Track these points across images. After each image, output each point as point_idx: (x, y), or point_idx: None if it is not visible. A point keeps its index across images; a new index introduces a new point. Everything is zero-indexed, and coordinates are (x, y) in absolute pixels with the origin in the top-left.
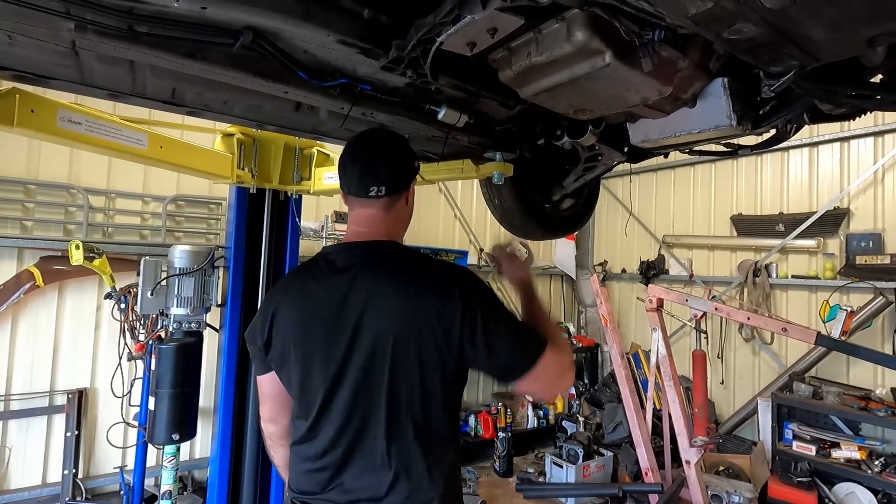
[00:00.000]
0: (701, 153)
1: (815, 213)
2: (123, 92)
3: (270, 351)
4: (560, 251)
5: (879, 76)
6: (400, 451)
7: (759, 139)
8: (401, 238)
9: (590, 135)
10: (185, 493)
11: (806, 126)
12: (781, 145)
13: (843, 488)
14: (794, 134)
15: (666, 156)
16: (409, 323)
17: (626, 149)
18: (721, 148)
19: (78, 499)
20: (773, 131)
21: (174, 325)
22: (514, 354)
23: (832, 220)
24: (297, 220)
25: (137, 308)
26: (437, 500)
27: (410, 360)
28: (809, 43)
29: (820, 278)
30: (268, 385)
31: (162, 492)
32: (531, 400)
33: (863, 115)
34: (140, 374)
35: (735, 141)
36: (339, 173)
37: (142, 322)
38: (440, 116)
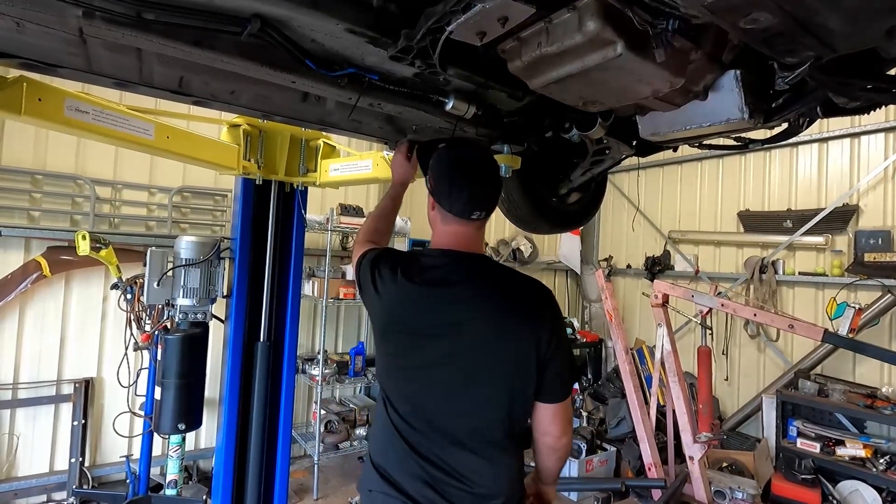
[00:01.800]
0: (710, 147)
1: (823, 209)
2: (130, 81)
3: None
4: (565, 246)
5: None
6: (468, 460)
7: (770, 133)
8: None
9: (599, 127)
10: (190, 482)
11: (816, 121)
12: (790, 141)
13: (847, 486)
14: (806, 128)
15: (675, 150)
16: (504, 334)
17: (634, 142)
18: (731, 142)
19: (85, 487)
20: (784, 125)
21: (180, 316)
22: (561, 382)
23: (841, 217)
24: (303, 211)
25: (143, 298)
26: (501, 499)
27: (501, 367)
28: (827, 33)
29: (827, 275)
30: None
31: (167, 481)
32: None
33: (877, 109)
34: (146, 364)
35: (745, 135)
36: (439, 189)
37: (148, 312)
38: (448, 108)
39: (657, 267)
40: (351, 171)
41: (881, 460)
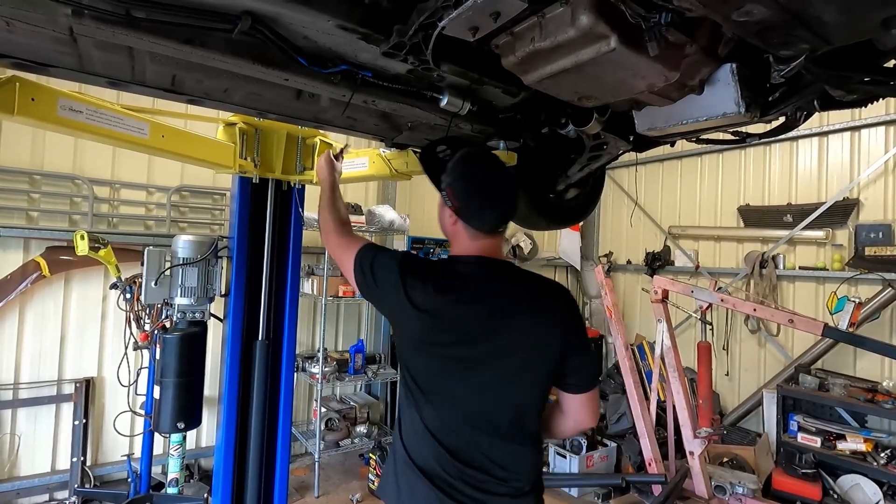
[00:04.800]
0: (708, 142)
1: (823, 203)
2: (123, 80)
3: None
4: (565, 242)
5: (893, 61)
6: (509, 450)
7: (768, 127)
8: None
9: (595, 123)
10: (191, 480)
11: (816, 115)
12: (790, 134)
13: (847, 480)
14: (803, 122)
15: (672, 145)
16: (536, 334)
17: (631, 137)
18: (729, 136)
19: (86, 486)
20: (782, 119)
21: (178, 315)
22: (592, 372)
23: (841, 211)
24: (301, 210)
25: (142, 298)
26: (529, 488)
27: (534, 364)
28: (821, 25)
29: (828, 270)
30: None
31: (169, 479)
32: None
33: (875, 102)
34: (146, 363)
35: (743, 129)
36: (468, 211)
37: (147, 312)
38: (443, 104)
39: (657, 262)
40: (347, 169)
41: (882, 454)
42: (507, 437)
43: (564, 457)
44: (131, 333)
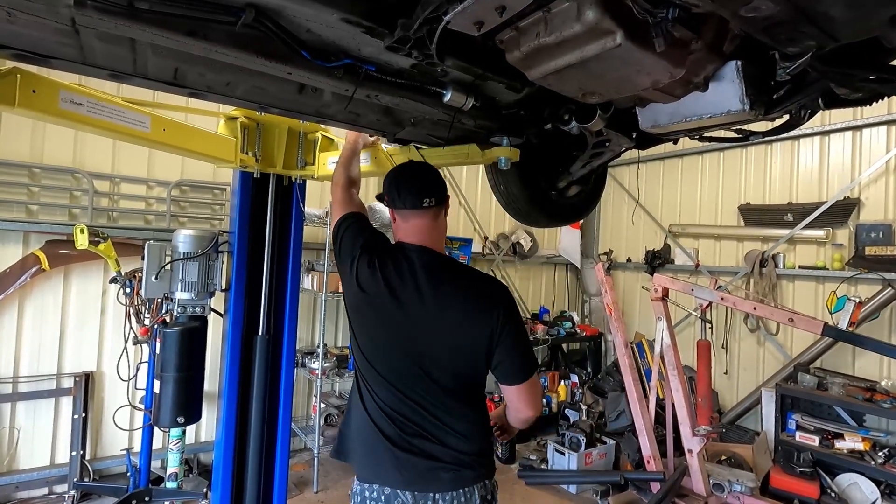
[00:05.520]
0: (710, 139)
1: (824, 203)
2: (125, 72)
3: (357, 280)
4: (565, 239)
5: None
6: (442, 423)
7: (771, 125)
8: (444, 248)
9: (598, 119)
10: (190, 475)
11: (817, 114)
12: (792, 133)
13: (845, 479)
14: (807, 120)
15: (675, 142)
16: (461, 325)
17: (634, 134)
18: (732, 134)
19: (86, 480)
20: (786, 117)
21: (178, 310)
22: (520, 366)
23: (842, 211)
24: (302, 205)
25: (142, 292)
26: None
27: (460, 355)
28: (828, 22)
29: (828, 269)
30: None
31: (168, 474)
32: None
33: (879, 101)
34: (146, 357)
35: (746, 127)
36: (390, 197)
37: (147, 306)
38: (446, 99)
39: (657, 261)
40: None
41: (880, 453)
42: (441, 410)
43: (563, 454)
44: (131, 328)
